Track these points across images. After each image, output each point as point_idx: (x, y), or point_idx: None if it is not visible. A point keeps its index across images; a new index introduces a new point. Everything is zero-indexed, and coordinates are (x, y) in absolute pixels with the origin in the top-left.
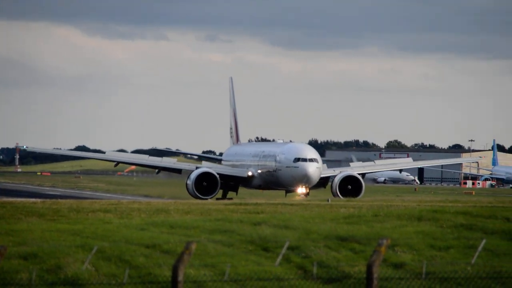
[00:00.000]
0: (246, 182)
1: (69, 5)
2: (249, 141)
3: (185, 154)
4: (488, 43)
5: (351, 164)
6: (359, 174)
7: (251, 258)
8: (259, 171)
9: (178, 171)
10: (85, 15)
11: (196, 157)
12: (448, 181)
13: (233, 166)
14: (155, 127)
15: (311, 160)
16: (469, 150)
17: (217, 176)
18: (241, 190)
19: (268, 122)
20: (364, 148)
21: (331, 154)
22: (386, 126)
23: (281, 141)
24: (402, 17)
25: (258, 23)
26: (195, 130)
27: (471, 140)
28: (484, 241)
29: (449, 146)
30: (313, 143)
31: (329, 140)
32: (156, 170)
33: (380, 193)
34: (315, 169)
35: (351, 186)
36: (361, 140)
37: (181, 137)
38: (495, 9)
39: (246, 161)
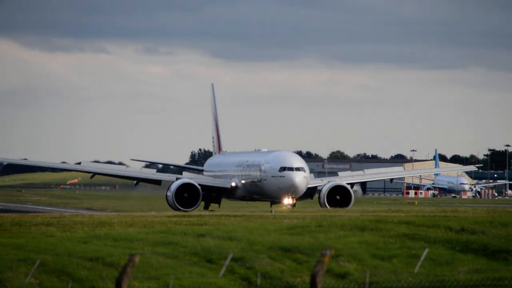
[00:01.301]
0: (229, 193)
1: (6, 18)
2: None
3: (166, 165)
4: (425, 53)
5: (339, 173)
6: (348, 184)
7: (195, 270)
8: (243, 181)
9: (158, 182)
10: (23, 28)
11: (172, 167)
12: (391, 191)
13: (216, 176)
14: (98, 141)
15: (297, 169)
16: (411, 160)
17: (199, 187)
18: (224, 202)
19: (207, 134)
20: (307, 159)
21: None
22: (328, 136)
23: (266, 150)
24: (340, 29)
25: (198, 35)
26: (141, 141)
27: (413, 150)
28: (426, 250)
29: (392, 156)
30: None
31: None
32: (135, 182)
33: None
34: (302, 178)
35: (339, 196)
36: (304, 150)
37: (133, 149)
38: (431, 20)
39: (229, 171)
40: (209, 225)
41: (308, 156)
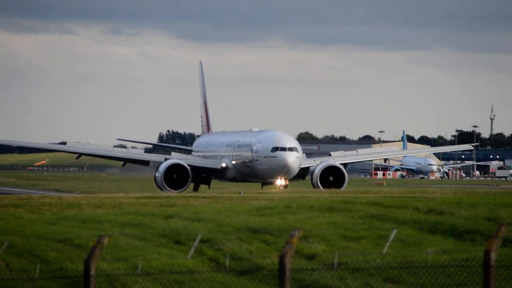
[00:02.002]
0: (220, 174)
1: None
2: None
3: (155, 145)
4: (391, 34)
5: (331, 153)
6: (341, 164)
7: (164, 251)
8: (233, 162)
9: (146, 163)
10: None
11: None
12: (359, 172)
13: (205, 157)
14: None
15: (290, 149)
16: (379, 141)
17: (188, 168)
18: (214, 183)
19: (176, 115)
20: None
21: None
22: (295, 118)
23: (257, 129)
24: (306, 10)
25: (164, 16)
26: (106, 121)
27: (381, 131)
28: (395, 231)
29: (360, 138)
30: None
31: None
32: (122, 163)
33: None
34: (295, 159)
35: (333, 177)
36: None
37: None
38: (396, 1)
39: (219, 151)
40: (177, 206)
41: None
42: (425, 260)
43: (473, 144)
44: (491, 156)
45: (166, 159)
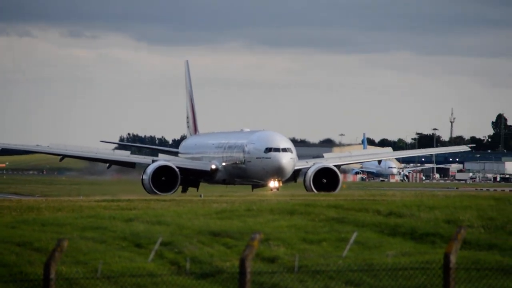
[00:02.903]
0: (209, 176)
1: None
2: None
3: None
4: (349, 37)
5: (325, 155)
6: (334, 166)
7: (124, 255)
8: (224, 163)
9: (132, 165)
10: None
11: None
12: None
13: (193, 159)
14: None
15: (284, 149)
16: (340, 145)
17: (177, 170)
18: (202, 186)
19: (137, 118)
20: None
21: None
22: (255, 121)
23: (248, 130)
24: (264, 12)
25: (123, 19)
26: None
27: (342, 135)
28: (355, 234)
29: (320, 141)
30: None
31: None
32: (107, 165)
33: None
34: (289, 160)
35: (326, 179)
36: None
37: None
38: (354, 3)
39: (208, 153)
40: (138, 209)
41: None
42: (385, 262)
43: (470, 146)
44: (451, 159)
45: (153, 161)
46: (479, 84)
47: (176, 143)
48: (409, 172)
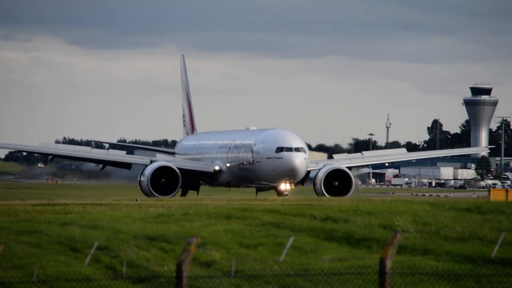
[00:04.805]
0: (212, 178)
1: None
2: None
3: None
4: (284, 42)
5: (335, 156)
6: (346, 167)
7: (60, 259)
8: (228, 164)
9: (128, 165)
10: None
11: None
12: None
13: (193, 160)
14: None
15: (297, 149)
16: None
17: (178, 171)
18: (203, 189)
19: (72, 122)
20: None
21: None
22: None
23: (255, 128)
24: (199, 17)
25: (56, 22)
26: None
27: None
28: (292, 238)
29: None
30: (122, 142)
31: (137, 140)
32: (101, 166)
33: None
34: (303, 160)
35: (338, 182)
36: (169, 139)
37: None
38: (289, 8)
39: (210, 153)
40: (74, 213)
41: (174, 145)
42: (322, 267)
43: (488, 147)
44: (387, 164)
45: (152, 162)
46: (414, 90)
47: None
48: None
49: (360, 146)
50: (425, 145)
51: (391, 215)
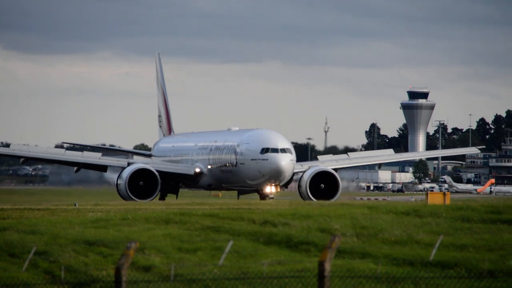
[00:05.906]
0: (192, 181)
1: None
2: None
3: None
4: (222, 47)
5: (319, 157)
6: (332, 169)
7: None
8: (209, 166)
9: (103, 168)
10: None
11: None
12: None
13: (172, 162)
14: None
15: (283, 150)
16: None
17: (157, 173)
18: (182, 192)
19: (7, 128)
20: (112, 152)
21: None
22: (130, 130)
23: (237, 129)
24: (137, 22)
25: None
26: None
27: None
28: (231, 242)
29: None
30: (60, 147)
31: (76, 145)
32: (75, 168)
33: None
34: (289, 162)
35: (324, 184)
36: (107, 143)
37: None
38: (227, 13)
39: (190, 155)
40: (11, 218)
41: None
42: (261, 271)
43: (479, 147)
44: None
45: (129, 164)
46: (351, 94)
47: None
48: None
49: (299, 150)
50: (362, 149)
51: (329, 218)
